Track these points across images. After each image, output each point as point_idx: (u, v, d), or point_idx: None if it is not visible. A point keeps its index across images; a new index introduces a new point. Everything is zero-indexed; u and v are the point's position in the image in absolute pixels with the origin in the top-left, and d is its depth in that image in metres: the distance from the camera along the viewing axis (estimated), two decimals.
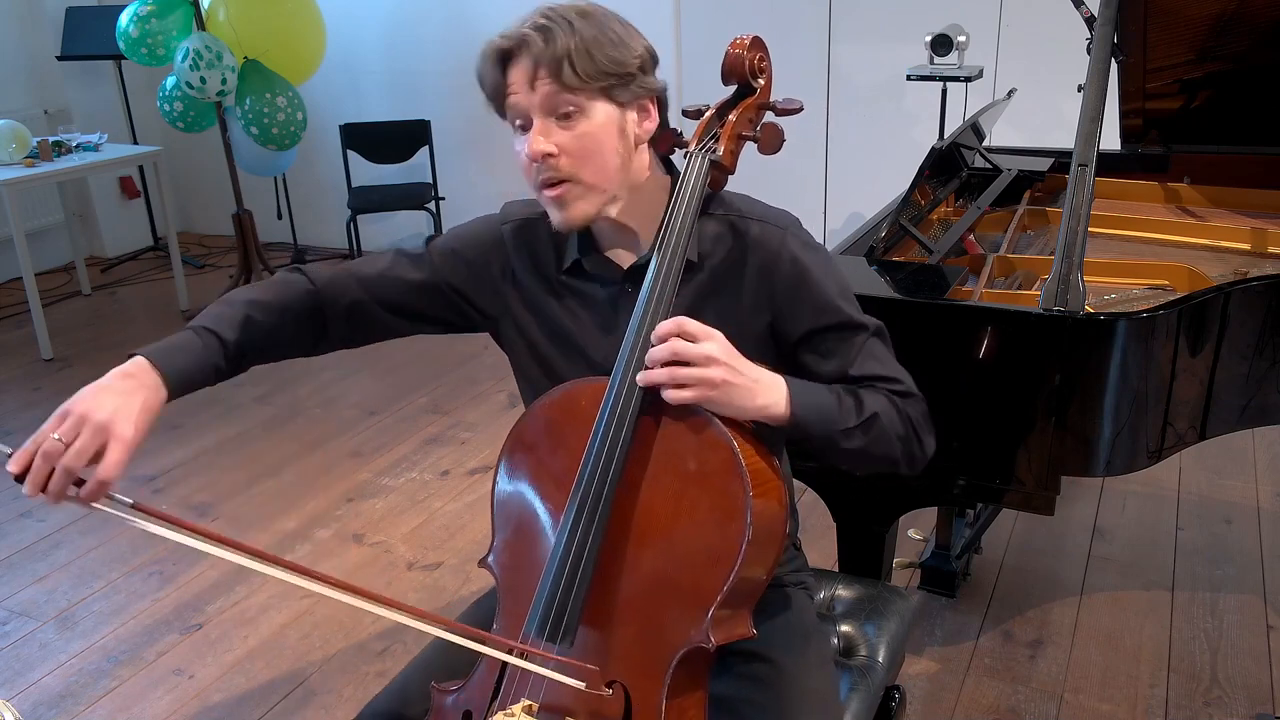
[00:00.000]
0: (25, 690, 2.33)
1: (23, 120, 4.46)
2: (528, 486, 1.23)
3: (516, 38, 1.16)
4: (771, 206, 1.31)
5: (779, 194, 1.34)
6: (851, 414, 1.19)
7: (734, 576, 1.08)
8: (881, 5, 4.17)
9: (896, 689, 1.58)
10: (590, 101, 1.17)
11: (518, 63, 1.17)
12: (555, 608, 1.12)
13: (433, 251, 1.38)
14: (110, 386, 1.11)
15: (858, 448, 1.20)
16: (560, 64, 1.13)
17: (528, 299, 1.35)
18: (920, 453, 1.26)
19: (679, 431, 1.13)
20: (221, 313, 1.25)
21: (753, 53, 1.27)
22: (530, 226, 1.36)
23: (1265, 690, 2.17)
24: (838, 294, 1.26)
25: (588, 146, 1.18)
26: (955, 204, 2.59)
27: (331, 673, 2.36)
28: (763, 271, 1.26)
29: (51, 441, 1.04)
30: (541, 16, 1.16)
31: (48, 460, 1.03)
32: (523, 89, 1.16)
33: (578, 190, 1.19)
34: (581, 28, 1.15)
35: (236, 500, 3.14)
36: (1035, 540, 2.76)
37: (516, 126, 1.20)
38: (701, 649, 1.09)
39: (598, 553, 1.12)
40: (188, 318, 4.76)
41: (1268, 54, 2.27)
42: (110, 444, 1.06)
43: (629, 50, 1.18)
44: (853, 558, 1.91)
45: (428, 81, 5.18)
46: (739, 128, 1.26)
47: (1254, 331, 1.79)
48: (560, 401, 1.22)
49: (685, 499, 1.12)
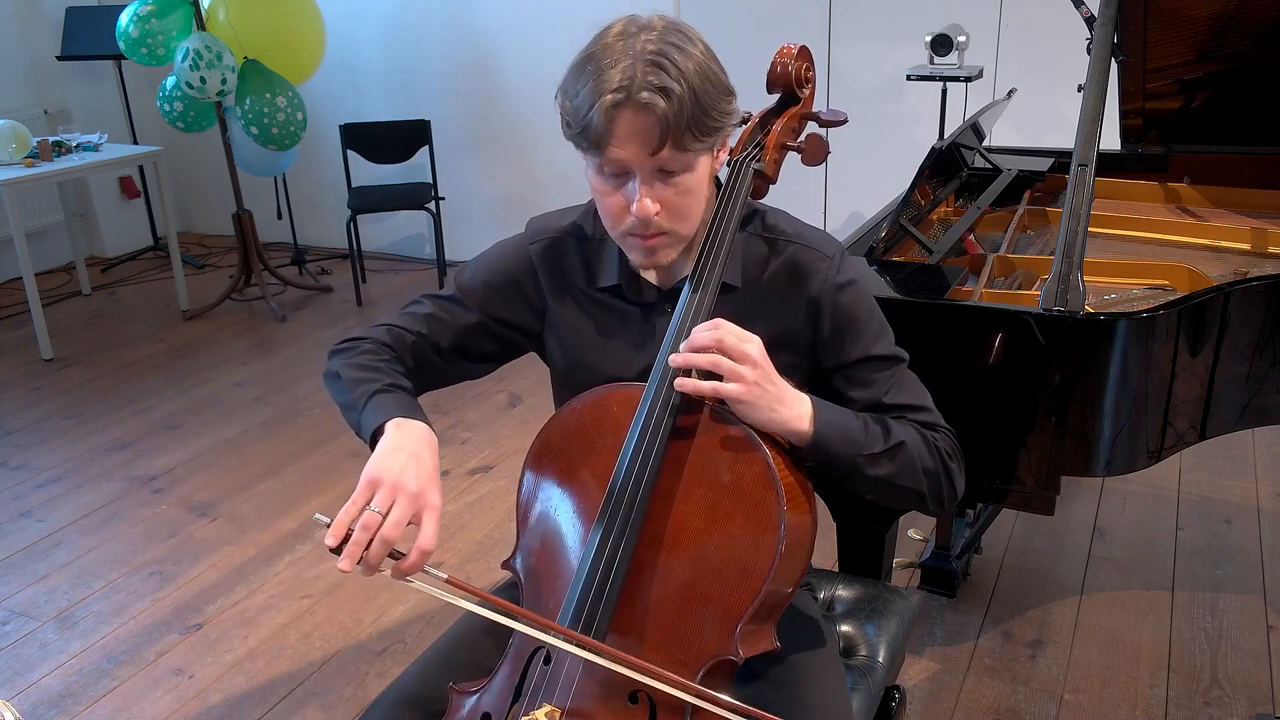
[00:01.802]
0: (25, 690, 2.33)
1: (23, 120, 4.45)
2: (557, 491, 1.22)
3: (638, 97, 1.07)
4: (816, 229, 1.30)
5: (779, 194, 1.34)
6: (878, 440, 1.18)
7: (765, 589, 1.08)
8: (881, 5, 4.17)
9: (896, 689, 1.58)
10: (698, 158, 1.14)
11: (632, 119, 1.08)
12: (586, 614, 1.11)
13: (464, 289, 1.35)
14: (400, 448, 1.11)
15: (883, 476, 1.19)
16: (684, 132, 1.08)
17: (561, 316, 1.34)
18: (949, 490, 1.24)
19: (713, 442, 1.13)
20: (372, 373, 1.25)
21: (799, 62, 1.27)
22: (558, 244, 1.33)
23: (1265, 690, 2.17)
24: (878, 330, 1.26)
25: (689, 201, 1.16)
26: (955, 204, 2.59)
27: (331, 673, 2.36)
28: (807, 302, 1.25)
29: (370, 514, 1.04)
30: (652, 66, 1.07)
31: (367, 532, 1.03)
32: (633, 147, 1.09)
33: (671, 240, 1.18)
34: (695, 82, 1.08)
35: (236, 500, 3.14)
36: (1035, 540, 2.76)
37: (605, 172, 1.14)
38: (729, 660, 1.09)
39: (629, 561, 1.12)
40: (188, 318, 4.78)
41: (1268, 54, 2.27)
42: (425, 513, 1.07)
43: (729, 95, 1.13)
44: (853, 558, 1.91)
45: (428, 81, 5.17)
46: (783, 137, 1.26)
47: (1254, 331, 1.79)
48: (591, 407, 1.21)
49: (719, 510, 1.11)
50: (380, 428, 1.16)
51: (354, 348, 1.31)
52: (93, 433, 3.61)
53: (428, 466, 1.11)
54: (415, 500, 1.07)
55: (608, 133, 1.09)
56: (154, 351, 4.43)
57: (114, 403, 3.87)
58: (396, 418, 1.16)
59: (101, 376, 4.15)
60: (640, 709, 1.10)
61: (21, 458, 3.45)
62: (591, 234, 1.32)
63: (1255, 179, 2.44)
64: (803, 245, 1.26)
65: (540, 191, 5.00)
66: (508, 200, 5.18)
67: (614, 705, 1.10)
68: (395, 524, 1.04)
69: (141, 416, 3.74)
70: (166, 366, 4.24)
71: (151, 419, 3.71)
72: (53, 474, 3.34)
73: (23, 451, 3.49)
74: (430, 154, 4.91)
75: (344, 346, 1.32)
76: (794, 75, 1.26)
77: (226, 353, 4.38)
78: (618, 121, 1.09)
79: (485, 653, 1.27)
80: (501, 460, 3.34)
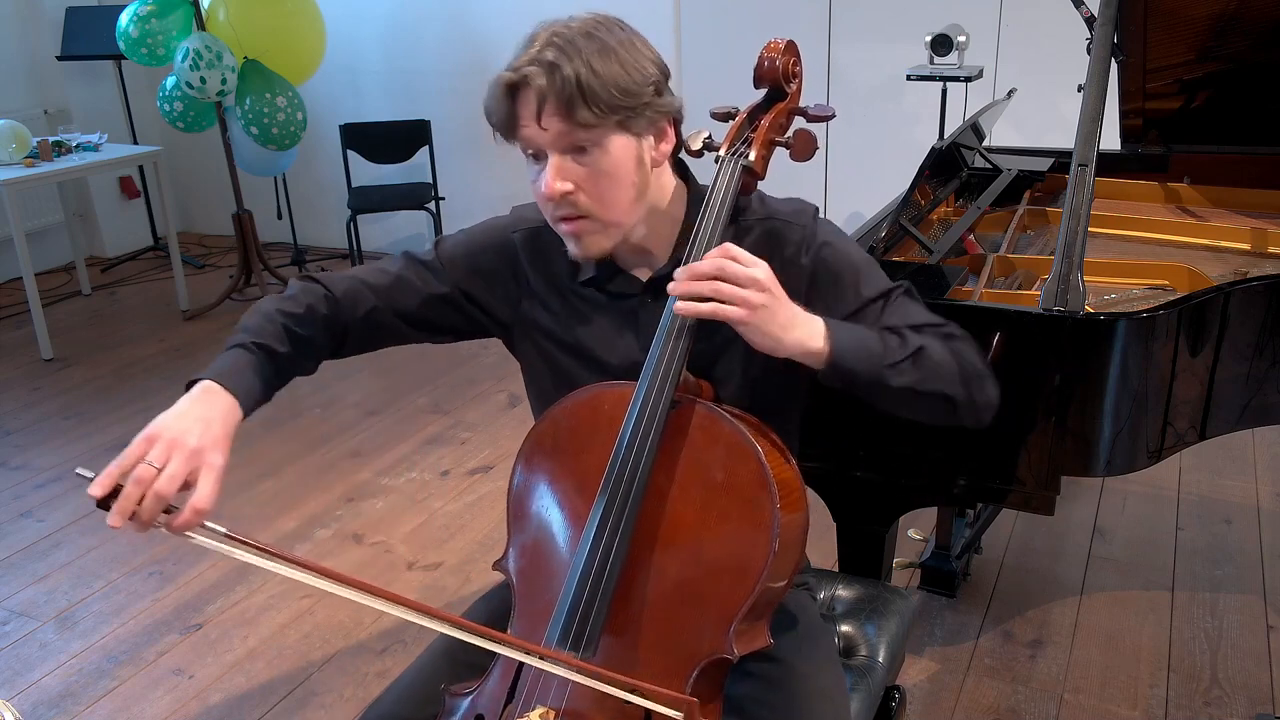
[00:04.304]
0: (25, 690, 2.33)
1: (23, 120, 4.45)
2: (548, 490, 1.22)
3: (523, 72, 1.11)
4: (786, 200, 1.30)
5: (779, 194, 1.34)
6: (896, 349, 1.16)
7: (760, 587, 1.08)
8: (881, 5, 4.17)
9: (896, 689, 1.58)
10: (605, 136, 1.13)
11: (525, 96, 1.12)
12: (580, 614, 1.10)
13: (443, 258, 1.34)
14: (189, 413, 1.10)
15: (908, 385, 1.16)
16: (571, 101, 1.09)
17: (542, 308, 1.33)
18: (981, 393, 1.21)
19: (706, 440, 1.12)
20: (263, 326, 1.24)
21: (787, 57, 1.26)
22: (542, 234, 1.32)
23: (1265, 690, 2.17)
24: (867, 274, 1.25)
25: (604, 183, 1.15)
26: (955, 204, 2.59)
27: (331, 673, 2.36)
28: (790, 273, 1.23)
29: (144, 467, 1.02)
30: (548, 45, 1.10)
31: (139, 486, 1.01)
32: (533, 124, 1.12)
33: (595, 225, 1.17)
34: (590, 57, 1.09)
35: (236, 500, 3.14)
36: (1035, 540, 2.76)
37: (529, 155, 1.16)
38: (724, 659, 1.09)
39: (623, 560, 1.11)
40: (188, 318, 4.77)
41: (1268, 54, 2.27)
42: (202, 471, 1.05)
43: (642, 76, 1.13)
44: (853, 558, 1.91)
45: (428, 81, 5.17)
46: (771, 132, 1.26)
47: (1254, 331, 1.79)
48: (583, 405, 1.21)
49: (712, 509, 1.11)
50: (193, 383, 1.15)
51: (293, 291, 1.30)
52: (93, 433, 3.61)
53: (215, 430, 1.08)
54: (194, 457, 1.04)
55: (511, 114, 1.13)
56: (154, 351, 4.43)
57: (114, 403, 3.87)
58: (209, 381, 1.14)
59: (101, 376, 4.15)
60: (635, 710, 1.09)
61: (21, 458, 3.45)
62: None
63: (1255, 179, 2.44)
64: (775, 219, 1.26)
65: None
66: (508, 200, 5.09)
67: (608, 706, 1.09)
68: (169, 479, 1.02)
69: (141, 416, 3.68)
70: (166, 366, 4.24)
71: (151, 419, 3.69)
72: (53, 474, 3.34)
73: (23, 451, 3.49)
74: (430, 154, 4.91)
75: (294, 284, 1.32)
76: (781, 70, 1.25)
77: None
78: (517, 101, 1.13)
79: (480, 654, 1.28)
80: (501, 460, 3.34)
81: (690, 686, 1.09)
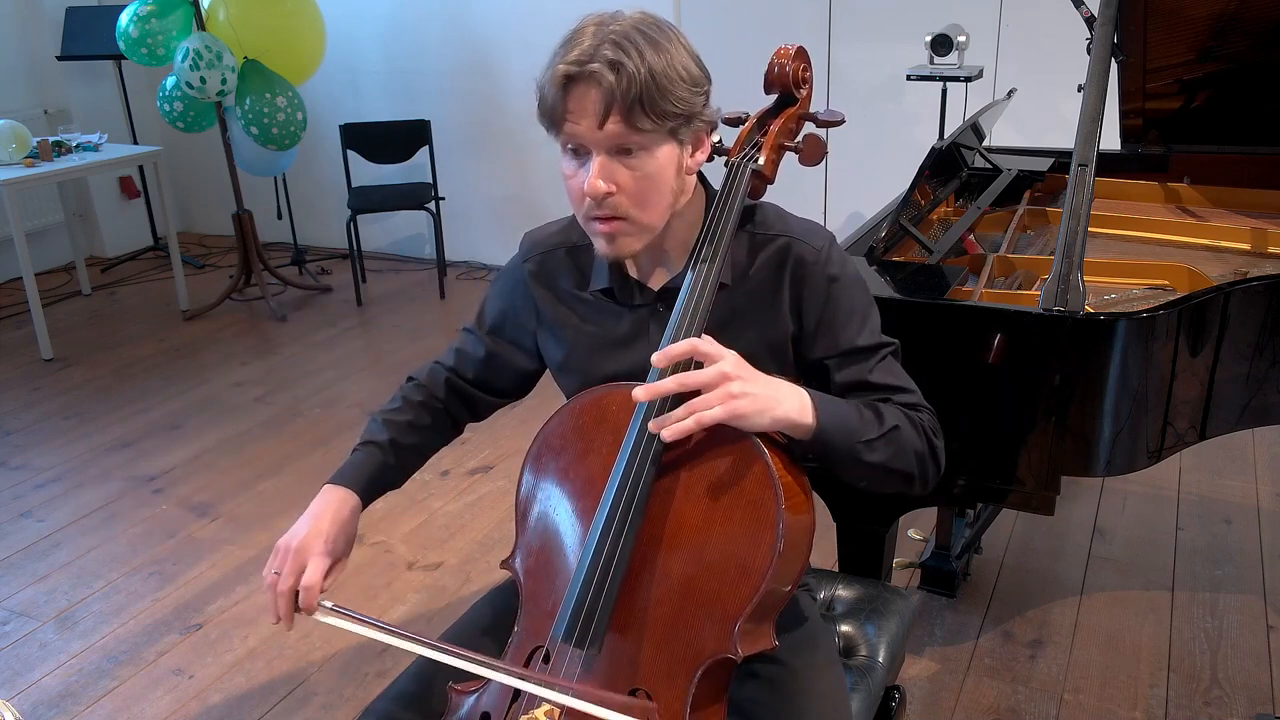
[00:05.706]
0: (25, 690, 2.33)
1: (23, 120, 4.45)
2: (556, 489, 1.23)
3: (588, 67, 1.09)
4: (804, 220, 1.31)
5: (779, 194, 1.33)
6: (873, 425, 1.19)
7: (764, 588, 1.08)
8: (881, 5, 4.17)
9: (896, 689, 1.58)
10: (656, 142, 1.14)
11: (584, 92, 1.10)
12: (585, 612, 1.11)
13: (478, 322, 1.43)
14: (303, 517, 1.27)
15: (879, 461, 1.19)
16: (633, 106, 1.09)
17: (556, 323, 1.35)
18: (934, 470, 1.26)
19: (713, 441, 1.13)
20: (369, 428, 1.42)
21: (797, 63, 1.28)
22: (550, 257, 1.35)
23: (1265, 690, 2.17)
24: (867, 319, 1.27)
25: (645, 187, 1.15)
26: (955, 204, 2.59)
27: (331, 673, 2.36)
28: (796, 295, 1.25)
29: (271, 576, 1.22)
30: (613, 44, 1.09)
31: (269, 591, 1.22)
32: (586, 121, 1.11)
33: (630, 227, 1.18)
34: (654, 62, 1.09)
35: (236, 500, 3.14)
36: (1035, 540, 2.76)
37: (568, 150, 1.16)
38: (728, 659, 1.09)
39: (628, 560, 1.12)
40: (188, 318, 4.78)
41: (1268, 54, 2.27)
42: (310, 561, 1.22)
43: (699, 87, 1.14)
44: (853, 558, 1.91)
45: (428, 81, 5.17)
46: (780, 137, 1.27)
47: (1254, 331, 1.79)
48: (590, 407, 1.22)
49: (717, 509, 1.12)
50: None
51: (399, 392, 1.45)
52: (93, 433, 3.61)
53: (321, 525, 1.25)
54: (299, 553, 1.22)
55: (563, 107, 1.12)
56: (154, 351, 4.43)
57: (114, 403, 3.87)
58: (330, 483, 1.32)
59: (101, 376, 4.15)
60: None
61: (21, 458, 3.45)
62: (581, 239, 1.32)
63: (1255, 179, 2.44)
64: (790, 237, 1.27)
65: (540, 191, 4.99)
66: (508, 200, 5.18)
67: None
68: (282, 578, 1.21)
69: (141, 416, 3.74)
70: (166, 366, 4.24)
71: (151, 419, 3.71)
72: (53, 474, 3.34)
73: (23, 451, 3.49)
74: (430, 154, 4.91)
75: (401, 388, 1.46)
76: (791, 76, 1.26)
77: (226, 353, 4.38)
78: (571, 95, 1.11)
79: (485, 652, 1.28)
80: (501, 460, 3.34)
81: (695, 686, 1.09)
